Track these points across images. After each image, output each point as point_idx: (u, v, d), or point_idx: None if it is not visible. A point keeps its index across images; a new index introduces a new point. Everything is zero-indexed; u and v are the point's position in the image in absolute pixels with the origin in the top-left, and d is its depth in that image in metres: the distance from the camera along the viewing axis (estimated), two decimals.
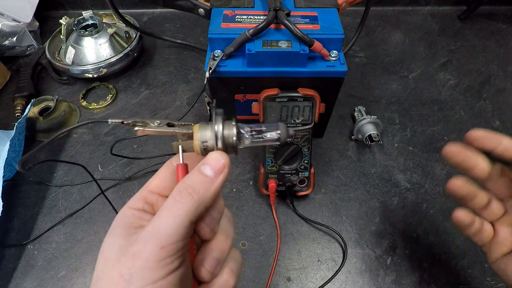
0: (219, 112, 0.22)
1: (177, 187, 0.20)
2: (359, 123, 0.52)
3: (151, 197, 0.23)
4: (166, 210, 0.19)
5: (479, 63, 0.68)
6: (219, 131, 0.22)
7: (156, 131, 0.22)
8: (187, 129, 0.22)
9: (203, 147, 0.22)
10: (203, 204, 0.20)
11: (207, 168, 0.21)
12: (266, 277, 0.42)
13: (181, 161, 0.22)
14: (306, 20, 0.42)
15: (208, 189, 0.20)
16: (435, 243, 0.45)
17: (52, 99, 0.57)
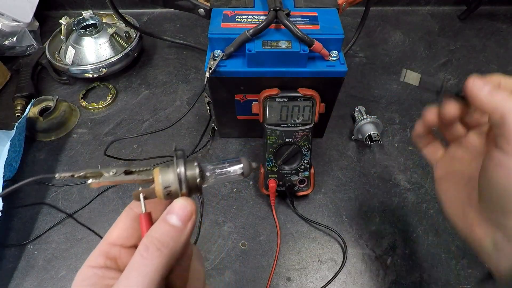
0: (179, 154, 0.22)
1: (143, 242, 0.19)
2: (359, 123, 0.52)
3: (112, 250, 0.21)
4: (133, 271, 0.18)
5: (479, 63, 0.68)
6: (182, 173, 0.21)
7: (112, 182, 0.21)
8: (147, 175, 0.21)
9: (166, 192, 0.21)
10: (173, 257, 0.19)
11: (173, 217, 0.19)
12: (266, 277, 0.42)
13: (143, 210, 0.21)
14: (306, 20, 0.42)
15: (178, 240, 0.19)
16: (435, 243, 0.45)
17: (52, 99, 0.57)
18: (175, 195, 0.21)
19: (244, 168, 0.23)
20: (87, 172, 0.21)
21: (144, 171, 0.21)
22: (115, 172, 0.21)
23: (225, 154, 0.54)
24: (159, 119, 0.59)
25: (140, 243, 0.19)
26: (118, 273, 0.20)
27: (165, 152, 0.54)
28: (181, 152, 0.22)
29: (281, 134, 0.43)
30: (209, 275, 0.43)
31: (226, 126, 0.53)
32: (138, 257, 0.18)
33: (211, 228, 0.46)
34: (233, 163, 0.23)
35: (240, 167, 0.23)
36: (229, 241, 0.45)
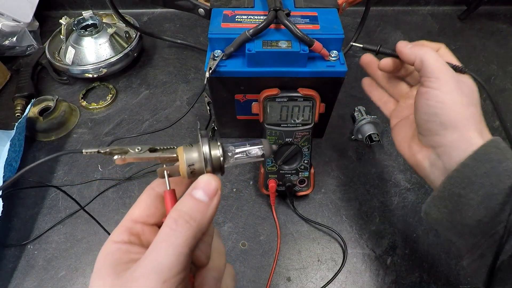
0: (203, 133, 0.22)
1: (171, 215, 0.19)
2: (359, 123, 0.52)
3: (135, 227, 0.21)
4: (163, 242, 0.18)
5: (479, 63, 0.68)
6: (207, 152, 0.21)
7: (138, 158, 0.21)
8: (171, 153, 0.21)
9: (190, 170, 0.21)
10: (201, 231, 0.19)
11: (200, 192, 0.20)
12: (266, 277, 0.42)
13: (168, 187, 0.21)
14: (306, 20, 0.42)
15: (205, 214, 0.19)
16: (435, 243, 0.45)
17: (52, 99, 0.57)
18: (198, 173, 0.21)
19: (265, 149, 0.23)
20: (113, 149, 0.21)
21: (168, 149, 0.22)
22: (140, 149, 0.21)
23: None
24: (159, 119, 0.59)
25: (168, 217, 0.19)
26: (142, 248, 0.20)
27: None
28: (205, 131, 0.22)
29: (281, 134, 0.43)
30: None
31: (226, 126, 0.53)
32: (167, 229, 0.18)
33: None
34: (254, 143, 0.23)
35: (260, 148, 0.23)
36: (229, 241, 0.45)
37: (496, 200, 0.26)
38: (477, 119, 0.29)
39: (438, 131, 0.29)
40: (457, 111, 0.29)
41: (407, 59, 0.32)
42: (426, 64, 0.30)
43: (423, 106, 0.30)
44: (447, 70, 0.30)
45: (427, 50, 0.31)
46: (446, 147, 0.29)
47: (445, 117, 0.29)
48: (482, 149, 0.27)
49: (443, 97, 0.29)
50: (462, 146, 0.28)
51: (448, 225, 0.29)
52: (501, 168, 0.26)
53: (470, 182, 0.27)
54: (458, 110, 0.29)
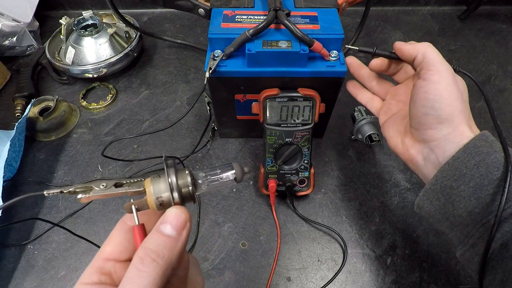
0: (170, 163, 0.21)
1: (137, 254, 0.18)
2: (359, 123, 0.52)
3: (107, 265, 0.20)
4: (129, 284, 0.17)
5: (479, 63, 0.68)
6: (173, 182, 0.20)
7: (103, 195, 0.20)
8: (138, 186, 0.21)
9: (158, 202, 0.20)
10: (169, 268, 0.18)
11: (167, 227, 0.19)
12: (266, 277, 0.42)
13: (136, 222, 0.20)
14: (306, 20, 0.42)
15: (173, 250, 0.19)
16: (435, 243, 0.45)
17: (52, 99, 0.57)
18: (168, 205, 0.20)
19: (236, 174, 0.23)
20: (76, 187, 0.20)
21: (135, 183, 0.21)
22: (105, 185, 0.21)
23: (225, 154, 0.54)
24: (159, 119, 0.59)
25: (135, 256, 0.18)
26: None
27: (165, 152, 0.54)
28: (172, 161, 0.21)
29: (281, 134, 0.43)
30: (209, 275, 0.43)
31: (226, 126, 0.53)
32: (133, 270, 0.18)
33: (211, 228, 0.46)
34: (225, 169, 0.23)
35: (232, 173, 0.23)
36: (229, 241, 0.45)
37: (486, 191, 0.27)
38: (468, 114, 0.31)
39: (433, 124, 0.31)
40: (453, 105, 0.30)
41: (407, 55, 0.33)
42: (428, 58, 0.31)
43: (421, 99, 0.31)
44: (446, 64, 0.31)
45: (428, 45, 0.32)
46: (440, 140, 0.30)
47: (441, 111, 0.30)
48: (472, 142, 0.28)
49: (442, 90, 0.30)
50: (456, 139, 0.29)
51: (440, 217, 0.31)
52: (490, 160, 0.27)
53: (461, 174, 0.28)
54: (454, 104, 0.30)
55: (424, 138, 0.32)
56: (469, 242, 0.29)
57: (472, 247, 0.28)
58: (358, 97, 0.42)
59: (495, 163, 0.27)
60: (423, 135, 0.32)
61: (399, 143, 0.36)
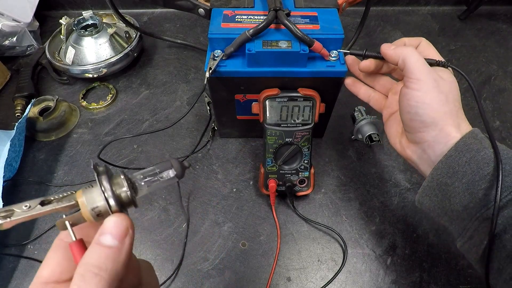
0: (101, 170, 0.19)
1: (77, 272, 0.17)
2: (359, 123, 0.52)
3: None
4: None
5: (479, 63, 0.68)
6: (108, 189, 0.19)
7: (28, 217, 0.18)
8: (69, 200, 0.19)
9: (95, 214, 0.19)
10: (116, 279, 0.17)
11: (107, 237, 0.18)
12: (266, 277, 0.42)
13: (73, 238, 0.19)
14: (306, 20, 0.42)
15: (117, 260, 0.18)
16: (435, 243, 0.45)
17: (52, 99, 0.57)
18: (106, 214, 0.19)
19: (176, 169, 0.21)
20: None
21: (65, 197, 0.19)
22: (29, 206, 0.19)
23: (225, 154, 0.54)
24: (159, 119, 0.59)
25: (75, 274, 0.17)
26: None
27: (165, 152, 0.54)
28: (103, 168, 0.20)
29: (281, 134, 0.43)
30: (209, 275, 0.43)
31: (226, 126, 0.53)
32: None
33: (211, 228, 0.46)
34: (163, 167, 0.21)
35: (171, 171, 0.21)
36: (229, 241, 0.45)
37: (478, 186, 0.28)
38: (454, 114, 0.32)
39: (421, 128, 0.32)
40: (435, 109, 0.31)
41: (391, 60, 0.35)
42: (408, 65, 0.32)
43: (405, 106, 0.33)
44: (426, 70, 0.32)
45: (408, 51, 0.33)
46: (430, 142, 0.32)
47: (425, 116, 0.31)
48: (462, 140, 0.30)
49: (422, 97, 0.31)
50: (443, 140, 0.31)
51: (439, 212, 0.32)
52: (480, 157, 0.29)
53: (455, 171, 0.30)
54: (436, 109, 0.31)
55: (416, 140, 0.33)
56: (466, 235, 0.30)
57: (470, 239, 0.30)
58: (360, 95, 0.42)
59: (485, 159, 0.28)
60: (414, 138, 0.33)
61: (397, 142, 0.37)
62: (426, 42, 0.38)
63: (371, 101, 0.41)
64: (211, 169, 0.52)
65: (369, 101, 0.42)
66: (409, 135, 0.34)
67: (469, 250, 0.30)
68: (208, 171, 0.52)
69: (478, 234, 0.29)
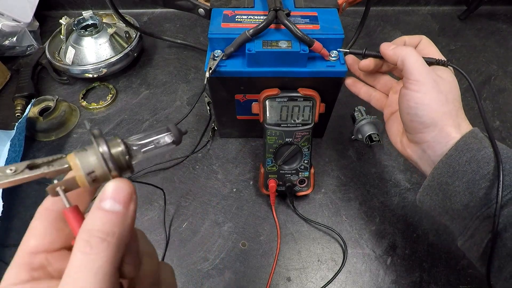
0: (97, 133, 0.18)
1: (80, 237, 0.16)
2: (359, 123, 0.52)
3: (36, 260, 0.17)
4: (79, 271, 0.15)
5: (479, 63, 0.68)
6: (106, 153, 0.17)
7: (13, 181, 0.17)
8: (60, 164, 0.18)
9: (90, 179, 0.17)
10: (123, 244, 0.17)
11: (111, 202, 0.17)
12: (266, 277, 0.42)
13: (67, 205, 0.18)
14: (306, 20, 0.42)
15: (123, 225, 0.17)
16: (435, 243, 0.45)
17: (52, 99, 0.57)
18: (102, 179, 0.18)
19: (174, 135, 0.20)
20: None
21: (55, 161, 0.18)
22: (14, 169, 0.17)
23: (225, 154, 0.54)
24: (159, 119, 0.59)
25: (77, 241, 0.16)
26: (53, 281, 0.17)
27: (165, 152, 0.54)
28: (98, 130, 0.18)
29: (281, 134, 0.43)
30: (209, 275, 0.43)
31: (226, 126, 0.53)
32: (79, 256, 0.15)
33: (211, 228, 0.46)
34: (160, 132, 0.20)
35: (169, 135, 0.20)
36: (229, 241, 0.45)
37: (478, 185, 0.28)
38: (454, 115, 0.32)
39: (420, 129, 0.32)
40: (435, 110, 0.31)
41: (390, 60, 0.35)
42: (407, 66, 0.32)
43: (405, 107, 0.33)
44: (425, 71, 0.32)
45: (407, 52, 0.33)
46: (430, 142, 0.32)
47: (425, 117, 0.31)
48: (463, 140, 0.30)
49: (422, 98, 0.31)
50: (443, 141, 0.31)
51: (440, 211, 0.32)
52: (480, 156, 0.29)
53: (455, 171, 0.30)
54: (436, 109, 0.31)
55: (416, 140, 0.33)
56: (467, 234, 0.30)
57: (471, 238, 0.30)
58: (361, 94, 0.42)
59: (485, 158, 0.29)
60: (415, 138, 0.33)
61: (398, 142, 0.37)
62: (427, 40, 0.38)
63: (372, 100, 0.41)
64: (211, 169, 0.52)
65: (370, 101, 0.42)
66: (409, 135, 0.35)
67: (470, 249, 0.31)
68: (208, 171, 0.52)
69: (478, 233, 0.29)
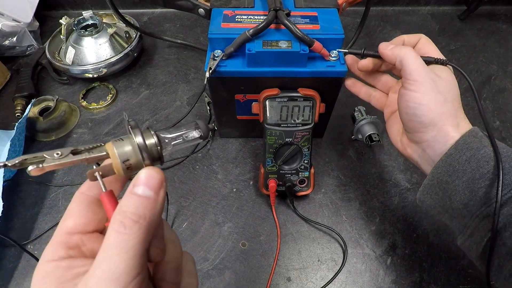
0: (133, 124, 0.20)
1: (116, 218, 0.17)
2: (359, 123, 0.52)
3: (72, 239, 0.19)
4: (113, 248, 0.16)
5: (479, 63, 0.68)
6: (142, 143, 0.19)
7: (59, 165, 0.18)
8: (99, 151, 0.19)
9: (125, 166, 0.19)
10: (153, 228, 0.18)
11: (143, 188, 0.18)
12: (266, 277, 0.42)
13: (103, 189, 0.19)
14: (306, 20, 0.42)
15: (154, 210, 0.18)
16: (435, 243, 0.45)
17: (52, 99, 0.57)
18: (135, 168, 0.19)
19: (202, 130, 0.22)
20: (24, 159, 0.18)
21: (95, 148, 0.19)
22: (60, 154, 0.18)
23: (225, 154, 0.54)
24: (159, 119, 0.59)
25: (112, 221, 0.17)
26: (87, 260, 0.18)
27: None
28: (134, 122, 0.20)
29: (281, 134, 0.43)
30: (209, 275, 0.43)
31: (226, 126, 0.53)
32: (114, 234, 0.17)
33: (211, 228, 0.46)
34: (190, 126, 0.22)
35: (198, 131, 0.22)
36: (229, 241, 0.45)
37: (478, 184, 0.29)
38: (453, 114, 0.32)
39: (419, 128, 0.32)
40: (433, 110, 0.31)
41: (389, 60, 0.35)
42: (405, 67, 0.32)
43: (403, 107, 0.33)
44: (424, 71, 0.32)
45: (405, 52, 0.33)
46: (429, 141, 0.32)
47: (423, 117, 0.32)
48: (462, 139, 0.30)
49: (420, 98, 0.32)
50: (442, 140, 0.31)
51: (440, 210, 0.32)
52: (480, 155, 0.29)
53: (455, 169, 0.30)
54: (434, 109, 0.31)
55: (415, 139, 0.34)
56: (467, 232, 0.30)
57: (470, 237, 0.30)
58: (361, 95, 0.42)
59: (485, 157, 0.29)
60: (414, 137, 0.34)
61: (399, 141, 0.37)
62: (426, 38, 0.38)
63: (372, 100, 0.41)
64: (211, 169, 0.52)
65: (370, 101, 0.42)
66: (408, 134, 0.35)
67: (469, 248, 0.31)
68: (208, 171, 0.52)
69: (478, 232, 0.29)
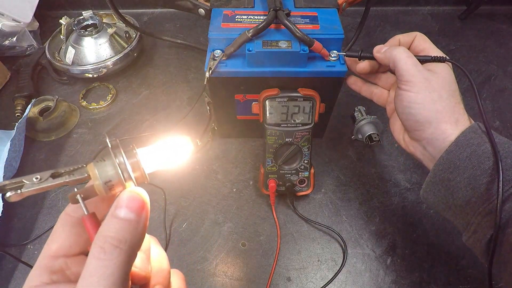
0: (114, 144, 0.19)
1: (96, 244, 0.17)
2: (359, 123, 0.52)
3: (56, 263, 0.18)
4: (93, 276, 0.16)
5: (479, 63, 0.68)
6: (122, 163, 0.18)
7: (39, 189, 0.18)
8: (81, 174, 0.19)
9: (108, 188, 0.19)
10: (135, 251, 0.18)
11: (124, 210, 0.18)
12: (266, 277, 0.42)
13: (85, 212, 0.18)
14: (306, 20, 0.42)
15: (135, 233, 0.18)
16: (435, 243, 0.45)
17: (52, 99, 0.57)
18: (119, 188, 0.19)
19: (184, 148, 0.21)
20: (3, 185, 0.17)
21: (76, 170, 0.19)
22: (39, 178, 0.18)
23: (225, 154, 0.54)
24: (159, 119, 0.59)
25: (92, 246, 0.17)
26: (70, 285, 0.18)
27: None
28: (115, 140, 0.19)
29: (281, 134, 0.43)
30: (209, 275, 0.43)
31: (226, 126, 0.53)
32: (93, 262, 0.16)
33: (211, 228, 0.46)
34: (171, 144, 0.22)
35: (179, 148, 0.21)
36: (229, 241, 0.45)
37: (480, 180, 0.29)
38: (450, 111, 0.32)
39: (416, 127, 0.33)
40: (428, 108, 0.31)
41: (383, 63, 0.36)
42: (398, 67, 0.33)
43: (399, 106, 0.34)
44: (416, 70, 0.32)
45: (397, 53, 0.33)
46: (428, 139, 0.32)
47: (418, 116, 0.32)
48: (463, 135, 0.30)
49: (414, 97, 0.32)
50: (440, 137, 0.31)
51: (443, 207, 0.32)
52: (481, 151, 0.29)
53: (456, 166, 0.30)
54: (428, 108, 0.31)
55: (415, 137, 0.34)
56: (470, 229, 0.30)
57: (474, 234, 0.30)
58: (362, 92, 0.43)
59: (485, 153, 0.29)
60: (414, 135, 0.34)
61: (402, 139, 0.37)
62: (421, 36, 0.38)
63: (374, 97, 0.42)
64: (211, 169, 0.52)
65: (372, 98, 0.42)
66: (409, 133, 0.35)
67: (474, 245, 0.31)
68: (208, 171, 0.52)
69: (481, 229, 0.29)
